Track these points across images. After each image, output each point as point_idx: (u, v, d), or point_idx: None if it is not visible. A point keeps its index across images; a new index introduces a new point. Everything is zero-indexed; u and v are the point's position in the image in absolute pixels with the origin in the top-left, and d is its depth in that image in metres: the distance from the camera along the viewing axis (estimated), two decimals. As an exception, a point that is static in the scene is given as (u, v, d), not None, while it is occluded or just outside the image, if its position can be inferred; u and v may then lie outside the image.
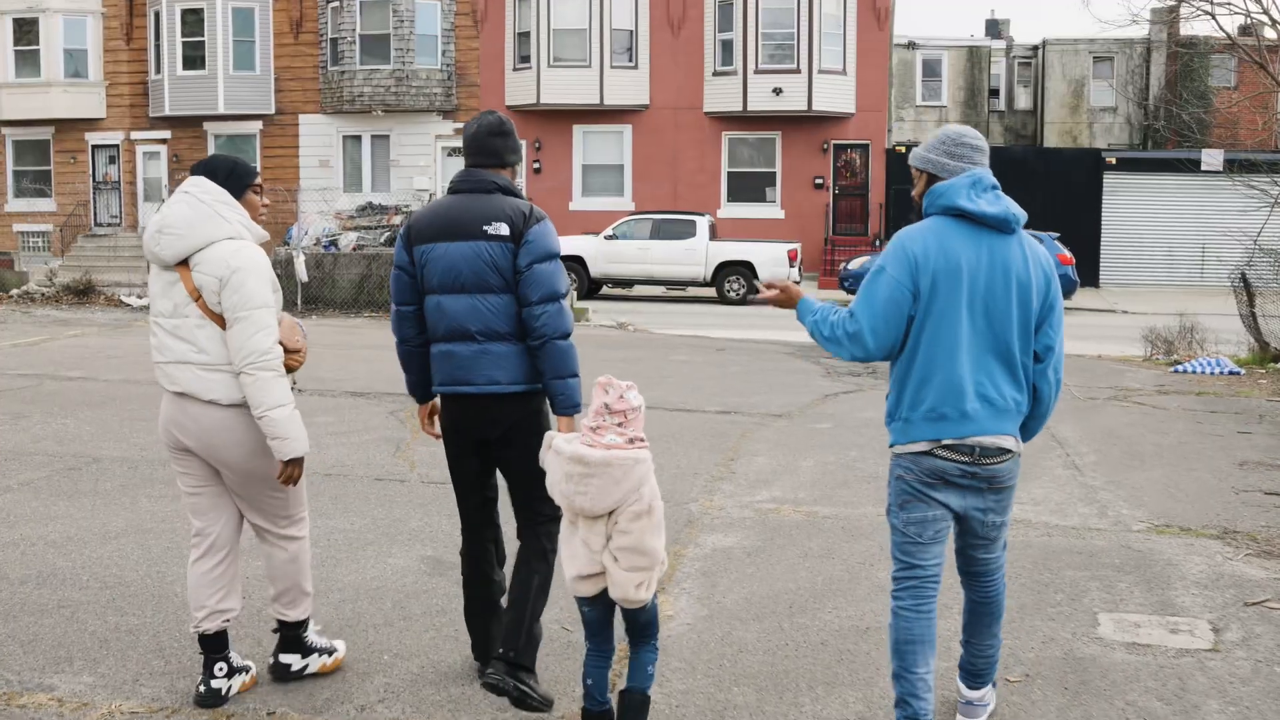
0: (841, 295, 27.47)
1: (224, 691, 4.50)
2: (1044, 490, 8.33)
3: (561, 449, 3.98)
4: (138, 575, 6.06)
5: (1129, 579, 6.33)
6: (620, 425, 3.95)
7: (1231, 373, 15.07)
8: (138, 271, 31.19)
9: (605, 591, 3.98)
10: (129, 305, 20.42)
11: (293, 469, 4.35)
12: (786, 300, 4.34)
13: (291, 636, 4.66)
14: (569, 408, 4.43)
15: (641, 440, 3.98)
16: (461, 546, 4.78)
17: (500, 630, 4.52)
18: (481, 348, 4.44)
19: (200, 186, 4.36)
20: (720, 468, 8.84)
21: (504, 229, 4.40)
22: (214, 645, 4.52)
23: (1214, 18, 16.23)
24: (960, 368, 4.00)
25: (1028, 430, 4.24)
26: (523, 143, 5.51)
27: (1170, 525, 7.48)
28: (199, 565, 4.50)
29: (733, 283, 26.27)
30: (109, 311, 20.00)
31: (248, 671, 4.65)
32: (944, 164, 4.12)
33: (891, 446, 4.19)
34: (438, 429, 4.77)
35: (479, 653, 4.78)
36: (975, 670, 4.44)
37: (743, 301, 26.13)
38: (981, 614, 4.36)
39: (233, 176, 4.43)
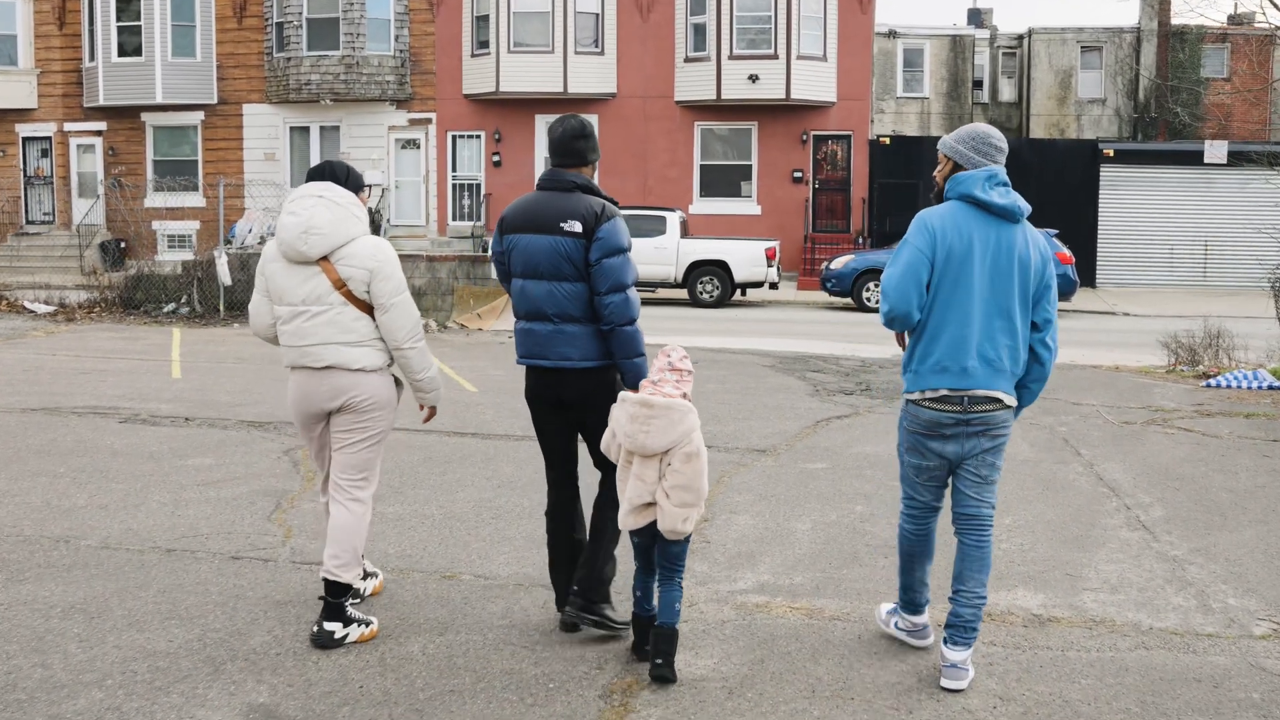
0: (823, 297, 25.62)
1: (364, 592, 5.45)
2: (1116, 567, 6.35)
3: (628, 396, 4.70)
4: None
5: (1284, 731, 4.36)
6: (677, 381, 4.70)
7: (1271, 387, 13.33)
8: (70, 274, 28.95)
9: (651, 524, 4.66)
10: (32, 311, 18.23)
11: (433, 411, 5.40)
12: None
13: (336, 605, 4.92)
14: (637, 381, 4.91)
15: (689, 398, 4.69)
16: (546, 506, 5.29)
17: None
18: (557, 328, 4.99)
19: (332, 191, 5.01)
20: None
21: (577, 226, 4.93)
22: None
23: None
24: (967, 329, 4.60)
25: (1029, 391, 4.80)
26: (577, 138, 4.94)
27: (1301, 624, 5.52)
28: None
29: (706, 284, 24.22)
30: (7, 319, 17.78)
31: (377, 576, 5.66)
32: (969, 157, 4.71)
33: (904, 394, 4.81)
34: None
35: (562, 603, 5.15)
36: (962, 621, 4.65)
37: (717, 304, 24.11)
38: (972, 559, 4.72)
39: (350, 180, 5.13)
